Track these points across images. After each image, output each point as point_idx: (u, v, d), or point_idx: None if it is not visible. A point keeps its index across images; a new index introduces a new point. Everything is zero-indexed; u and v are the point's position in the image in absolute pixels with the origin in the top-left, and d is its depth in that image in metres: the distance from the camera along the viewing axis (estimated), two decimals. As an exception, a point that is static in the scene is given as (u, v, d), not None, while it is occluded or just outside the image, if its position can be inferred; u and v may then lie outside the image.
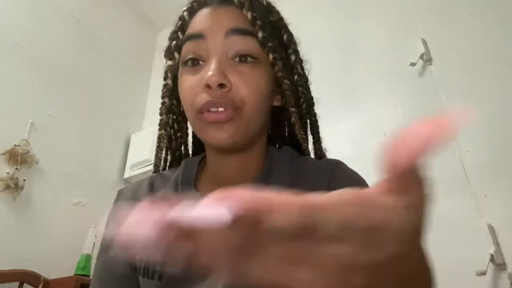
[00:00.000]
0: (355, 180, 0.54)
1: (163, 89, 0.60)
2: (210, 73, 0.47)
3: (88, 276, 1.61)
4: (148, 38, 2.74)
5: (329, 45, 2.03)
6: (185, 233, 0.16)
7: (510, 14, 1.47)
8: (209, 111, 0.49)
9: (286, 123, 0.63)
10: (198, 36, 0.51)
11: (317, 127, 0.63)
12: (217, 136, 0.49)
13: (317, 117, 0.63)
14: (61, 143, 1.90)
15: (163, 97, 0.60)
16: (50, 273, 1.56)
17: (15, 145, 1.67)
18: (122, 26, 2.51)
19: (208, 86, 0.47)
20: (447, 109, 1.51)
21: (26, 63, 1.84)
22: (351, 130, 1.78)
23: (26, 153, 1.69)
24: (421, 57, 1.63)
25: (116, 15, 2.50)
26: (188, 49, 0.52)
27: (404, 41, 1.73)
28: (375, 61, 1.82)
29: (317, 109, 0.65)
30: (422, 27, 1.71)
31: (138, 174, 2.11)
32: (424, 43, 1.65)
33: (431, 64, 1.62)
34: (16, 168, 1.63)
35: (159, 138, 0.62)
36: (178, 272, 0.51)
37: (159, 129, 0.62)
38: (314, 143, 0.63)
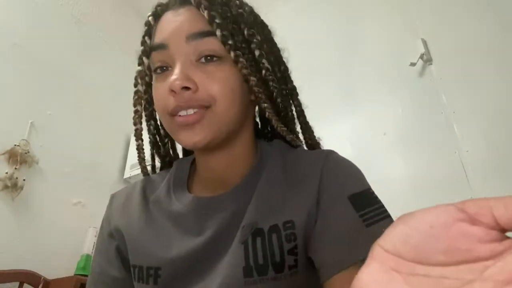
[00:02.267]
0: (348, 170, 0.53)
1: (134, 96, 0.57)
2: (173, 77, 0.47)
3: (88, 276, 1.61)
4: (148, 38, 2.73)
5: (329, 45, 2.03)
6: None
7: (510, 14, 1.47)
8: (179, 115, 0.48)
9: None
10: (161, 46, 0.51)
11: (304, 116, 0.61)
12: (189, 138, 0.49)
13: (303, 106, 0.61)
14: (61, 143, 1.90)
15: (134, 105, 0.57)
16: (50, 273, 1.56)
17: (15, 145, 1.67)
18: (122, 26, 2.51)
19: (172, 91, 0.47)
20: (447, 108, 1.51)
21: (26, 63, 1.84)
22: (351, 130, 1.78)
23: (26, 153, 1.69)
24: (421, 57, 1.63)
25: (116, 15, 2.50)
26: (155, 58, 0.52)
27: (404, 41, 1.73)
28: (375, 61, 1.82)
29: (317, 109, 0.64)
30: (422, 27, 1.71)
31: (138, 174, 2.10)
32: (424, 43, 1.65)
33: (431, 64, 1.62)
34: (16, 168, 1.63)
35: (138, 149, 0.60)
36: (172, 276, 0.51)
37: (136, 140, 0.60)
38: (303, 132, 0.61)
